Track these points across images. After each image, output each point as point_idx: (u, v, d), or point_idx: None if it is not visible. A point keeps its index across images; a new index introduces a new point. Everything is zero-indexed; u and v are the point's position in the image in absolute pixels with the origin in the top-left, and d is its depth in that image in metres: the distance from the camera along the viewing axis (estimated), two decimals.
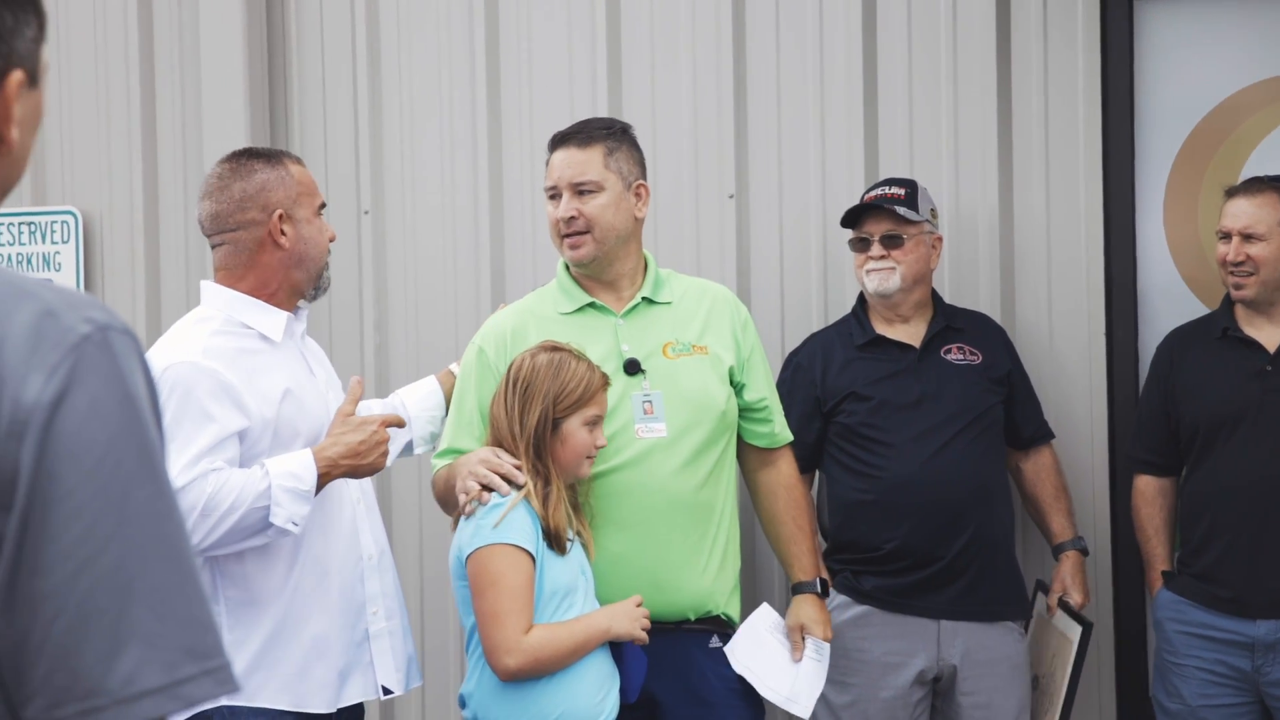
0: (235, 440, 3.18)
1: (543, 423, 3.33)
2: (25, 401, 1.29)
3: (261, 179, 3.33)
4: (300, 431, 3.27)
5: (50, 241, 4.84)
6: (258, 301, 3.33)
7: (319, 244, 3.38)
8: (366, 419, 3.29)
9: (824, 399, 4.08)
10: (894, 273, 4.05)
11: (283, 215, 3.32)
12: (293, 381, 3.29)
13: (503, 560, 3.22)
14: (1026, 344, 4.28)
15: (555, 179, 3.61)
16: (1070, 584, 4.07)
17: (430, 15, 4.66)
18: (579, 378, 3.35)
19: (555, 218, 3.61)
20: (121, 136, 4.82)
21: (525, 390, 3.35)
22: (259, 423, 3.20)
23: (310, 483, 3.17)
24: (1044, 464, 4.18)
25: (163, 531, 1.33)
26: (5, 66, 1.41)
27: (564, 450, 3.34)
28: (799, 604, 3.77)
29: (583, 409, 3.35)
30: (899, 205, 4.05)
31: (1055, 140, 4.32)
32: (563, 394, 3.33)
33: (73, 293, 1.37)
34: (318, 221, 3.39)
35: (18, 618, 1.29)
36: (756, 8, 4.47)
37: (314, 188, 3.41)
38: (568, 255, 3.61)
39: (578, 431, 3.35)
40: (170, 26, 4.79)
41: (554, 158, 3.64)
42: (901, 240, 4.06)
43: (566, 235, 3.59)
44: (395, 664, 3.39)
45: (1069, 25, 4.30)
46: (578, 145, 3.60)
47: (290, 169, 3.36)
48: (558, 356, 3.37)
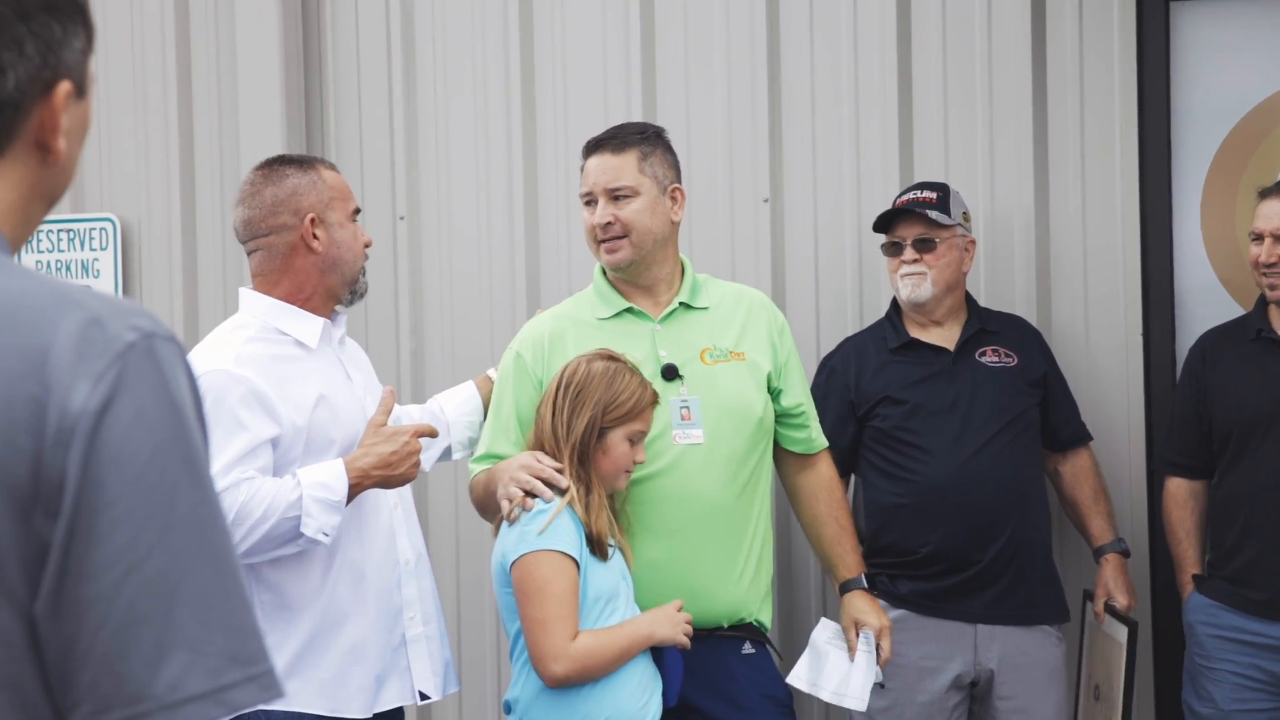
0: (268, 448, 3.18)
1: (590, 429, 3.33)
2: (72, 409, 1.30)
3: (293, 184, 3.34)
4: (334, 439, 3.27)
5: (89, 248, 4.87)
6: (293, 308, 3.34)
7: (352, 248, 3.38)
8: (398, 429, 3.29)
9: (858, 403, 4.07)
10: (925, 279, 4.04)
11: (315, 219, 3.32)
12: (327, 388, 3.29)
13: (548, 567, 3.23)
14: (1063, 346, 4.27)
15: (591, 185, 3.62)
16: (1114, 587, 4.05)
17: (465, 21, 4.68)
18: (631, 390, 3.35)
19: (591, 223, 3.61)
20: (159, 144, 4.85)
21: (577, 395, 3.35)
22: (291, 430, 3.20)
23: (341, 493, 3.17)
24: (1082, 466, 4.16)
25: (207, 538, 1.34)
26: (53, 77, 1.42)
27: (605, 460, 3.35)
28: (850, 601, 3.78)
29: (629, 423, 3.35)
30: (931, 209, 4.04)
31: (1091, 142, 4.30)
32: (613, 404, 3.34)
33: (118, 300, 1.38)
34: (351, 226, 3.39)
35: (64, 624, 1.30)
36: (791, 11, 4.47)
37: (347, 192, 3.41)
38: (605, 260, 3.62)
39: (620, 444, 3.35)
40: (207, 36, 4.82)
41: (589, 164, 3.64)
42: (934, 244, 4.05)
43: (603, 240, 3.59)
44: (432, 669, 3.39)
45: (1105, 27, 4.29)
46: (612, 151, 3.61)
47: (323, 174, 3.37)
48: (613, 366, 3.38)
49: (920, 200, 4.06)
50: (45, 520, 1.30)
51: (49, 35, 1.41)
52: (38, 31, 1.40)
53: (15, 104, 1.40)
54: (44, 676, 1.32)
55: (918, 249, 4.05)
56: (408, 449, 3.27)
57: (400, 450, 3.26)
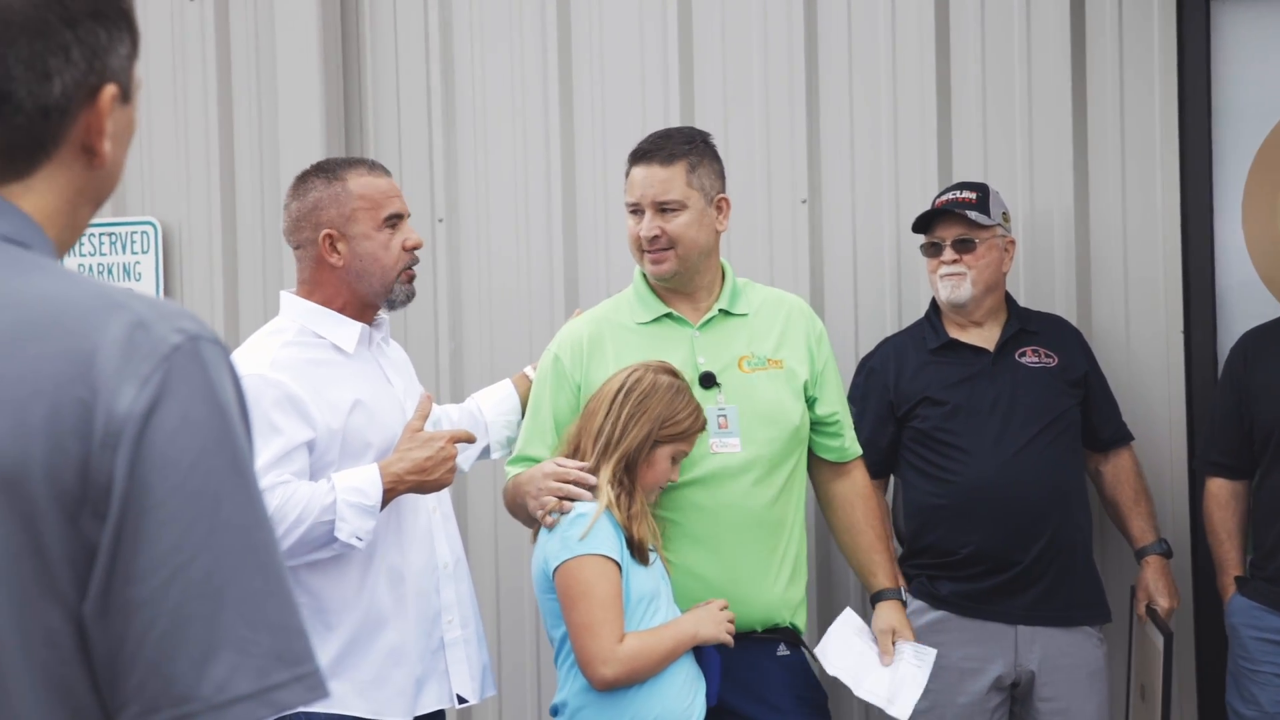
0: (303, 451, 3.19)
1: (645, 440, 3.34)
2: (118, 412, 1.31)
3: (315, 197, 3.34)
4: (371, 443, 3.27)
5: (130, 251, 4.90)
6: (331, 312, 3.34)
7: (379, 259, 3.34)
8: (434, 435, 3.29)
9: (897, 404, 4.06)
10: (965, 279, 4.02)
11: (330, 235, 3.32)
12: (364, 392, 3.29)
13: (592, 571, 3.24)
14: (1103, 346, 4.25)
15: (638, 196, 3.59)
16: (1155, 589, 4.03)
17: (503, 24, 4.68)
18: (690, 411, 3.38)
19: (637, 234, 3.60)
20: (200, 148, 4.87)
21: (640, 402, 3.36)
22: (326, 434, 3.21)
23: (375, 498, 3.17)
24: (1123, 466, 4.14)
25: (253, 539, 1.35)
26: (99, 82, 1.43)
27: (648, 473, 3.36)
28: (884, 610, 3.76)
29: (678, 442, 3.37)
30: (970, 210, 4.02)
31: (1131, 141, 4.28)
32: (671, 420, 3.35)
33: (163, 303, 1.39)
34: (380, 235, 3.34)
35: (112, 625, 1.31)
36: (829, 11, 4.46)
37: (379, 200, 3.36)
38: (650, 270, 3.61)
39: (664, 460, 3.37)
40: (247, 41, 4.84)
41: (636, 173, 3.61)
42: (973, 245, 4.04)
43: (649, 251, 3.58)
44: (470, 673, 3.40)
45: (1145, 25, 4.27)
46: (661, 163, 3.58)
47: (349, 184, 3.34)
48: (677, 383, 3.40)
49: (959, 200, 4.05)
50: (93, 522, 1.31)
51: (95, 41, 1.42)
52: (84, 38, 1.41)
53: (62, 109, 1.41)
54: (93, 677, 1.33)
55: (957, 249, 4.04)
56: (443, 455, 3.26)
57: (435, 456, 3.25)
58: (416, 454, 3.24)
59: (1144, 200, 4.28)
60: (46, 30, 1.39)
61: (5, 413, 1.31)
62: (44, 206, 1.43)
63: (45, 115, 1.41)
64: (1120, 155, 4.29)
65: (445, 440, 3.28)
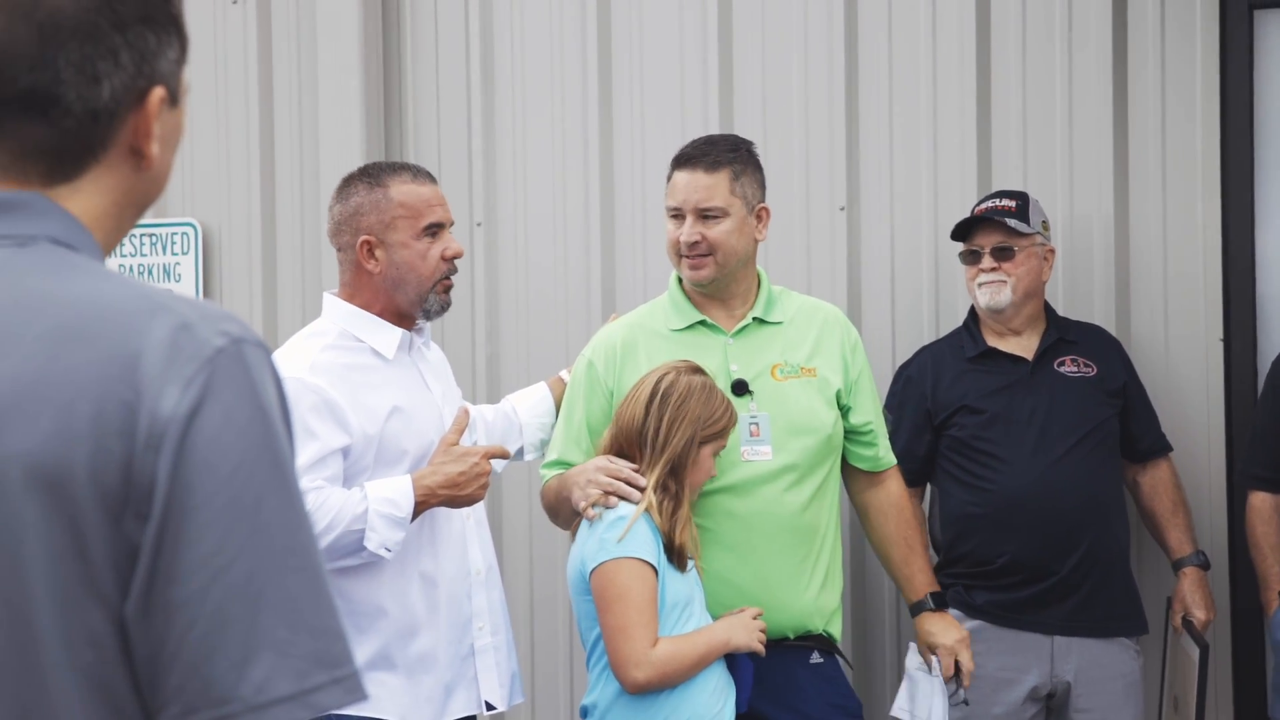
0: (338, 457, 3.19)
1: (690, 443, 3.34)
2: (162, 414, 1.32)
3: (356, 203, 3.34)
4: (407, 450, 3.27)
5: (170, 253, 4.93)
6: (372, 317, 3.34)
7: (417, 267, 3.33)
8: (469, 450, 3.28)
9: (935, 412, 4.05)
10: (1005, 286, 4.01)
11: (368, 242, 3.31)
12: (403, 399, 3.29)
13: (629, 574, 3.25)
14: (1142, 356, 4.23)
15: (680, 201, 3.59)
16: (1191, 601, 4.00)
17: (543, 29, 4.69)
18: (725, 408, 3.38)
19: (677, 238, 3.59)
20: (240, 151, 4.90)
21: (679, 406, 3.36)
22: (362, 439, 3.21)
23: (407, 510, 3.17)
24: (1161, 477, 4.11)
25: (294, 541, 1.35)
26: (147, 85, 1.44)
27: (694, 474, 3.37)
28: (920, 623, 3.77)
29: (719, 439, 3.38)
30: (1010, 218, 4.01)
31: (1172, 150, 4.26)
32: (710, 419, 3.36)
33: (207, 305, 1.39)
34: (418, 244, 3.33)
35: (153, 626, 1.32)
36: (868, 18, 4.45)
37: (419, 208, 3.34)
38: (687, 276, 3.61)
39: (708, 459, 3.38)
40: (288, 44, 4.86)
41: (679, 177, 3.61)
42: (1012, 253, 4.02)
43: (688, 256, 3.58)
44: (499, 680, 3.40)
45: (1187, 33, 4.24)
46: (705, 169, 3.58)
47: (391, 190, 3.33)
48: (708, 382, 3.40)
49: (999, 208, 4.04)
50: (136, 523, 1.32)
51: (144, 46, 1.43)
52: (133, 42, 1.42)
53: (111, 112, 1.42)
54: (133, 677, 1.34)
55: (996, 257, 4.03)
56: (476, 470, 3.25)
57: (469, 471, 3.24)
58: (450, 468, 3.23)
59: (1184, 208, 4.26)
60: (96, 34, 1.40)
61: (50, 414, 1.31)
62: (90, 209, 1.44)
63: (94, 118, 1.42)
64: (1161, 163, 4.27)
65: (480, 456, 3.27)
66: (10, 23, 1.39)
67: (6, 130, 1.41)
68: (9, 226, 1.40)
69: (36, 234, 1.41)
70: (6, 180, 1.43)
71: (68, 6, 1.39)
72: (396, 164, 3.47)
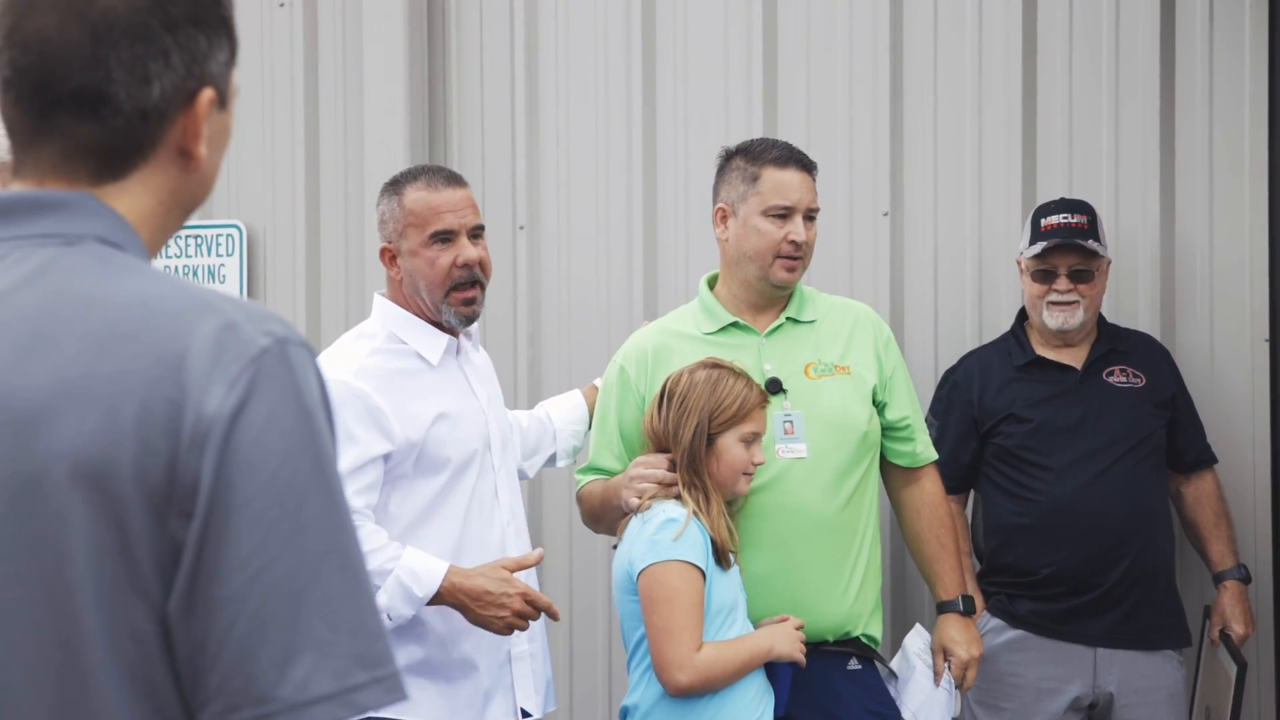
0: (378, 464, 3.19)
1: (698, 438, 3.35)
2: (207, 413, 1.32)
3: (380, 211, 3.37)
4: (450, 457, 3.26)
5: (215, 254, 4.95)
6: (420, 321, 3.34)
7: (426, 275, 3.30)
8: (514, 583, 3.20)
9: (981, 419, 4.03)
10: (1078, 309, 3.97)
11: (387, 250, 3.34)
12: (448, 405, 3.29)
13: (678, 576, 3.25)
14: (1187, 365, 4.19)
15: (795, 200, 3.60)
16: (1230, 615, 3.97)
17: (588, 32, 4.70)
18: (735, 394, 3.36)
19: (784, 237, 3.58)
20: (285, 154, 4.92)
21: (681, 405, 3.37)
22: (404, 446, 3.20)
23: (426, 591, 3.15)
24: (1205, 489, 4.08)
25: (335, 541, 1.36)
26: (197, 86, 1.45)
27: (720, 466, 3.36)
28: (941, 624, 3.74)
29: (738, 425, 3.36)
30: (1087, 238, 3.95)
31: (1220, 156, 4.23)
32: (718, 409, 3.35)
33: (252, 305, 1.40)
34: (426, 252, 3.30)
35: (195, 624, 1.33)
36: (914, 23, 4.44)
37: (426, 216, 3.30)
38: (781, 277, 3.59)
39: (733, 447, 3.36)
40: (334, 48, 4.88)
41: (790, 177, 3.61)
42: (1091, 275, 3.98)
43: (789, 257, 3.58)
44: (535, 686, 3.40)
45: (1236, 39, 4.21)
46: (811, 172, 3.64)
47: (404, 198, 3.32)
48: (716, 373, 3.39)
49: (1073, 227, 3.97)
50: (179, 521, 1.32)
51: (195, 47, 1.44)
52: (184, 43, 1.43)
53: (160, 112, 1.43)
54: (175, 675, 1.34)
55: (1074, 279, 3.98)
56: (505, 602, 3.19)
57: (498, 598, 3.18)
58: (485, 583, 3.19)
59: (1232, 217, 4.23)
60: (147, 34, 1.41)
61: (96, 411, 1.32)
62: (138, 208, 1.45)
63: (143, 118, 1.43)
64: (1208, 171, 4.24)
65: (518, 595, 3.20)
66: (63, 22, 1.40)
67: (57, 128, 1.42)
68: (57, 225, 1.41)
69: (84, 233, 1.42)
70: (56, 178, 1.44)
71: (120, 6, 1.41)
72: (419, 169, 3.44)
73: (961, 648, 3.69)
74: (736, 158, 3.66)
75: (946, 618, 3.73)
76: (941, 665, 3.68)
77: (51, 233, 1.41)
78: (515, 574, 3.24)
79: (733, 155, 3.68)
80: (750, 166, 3.62)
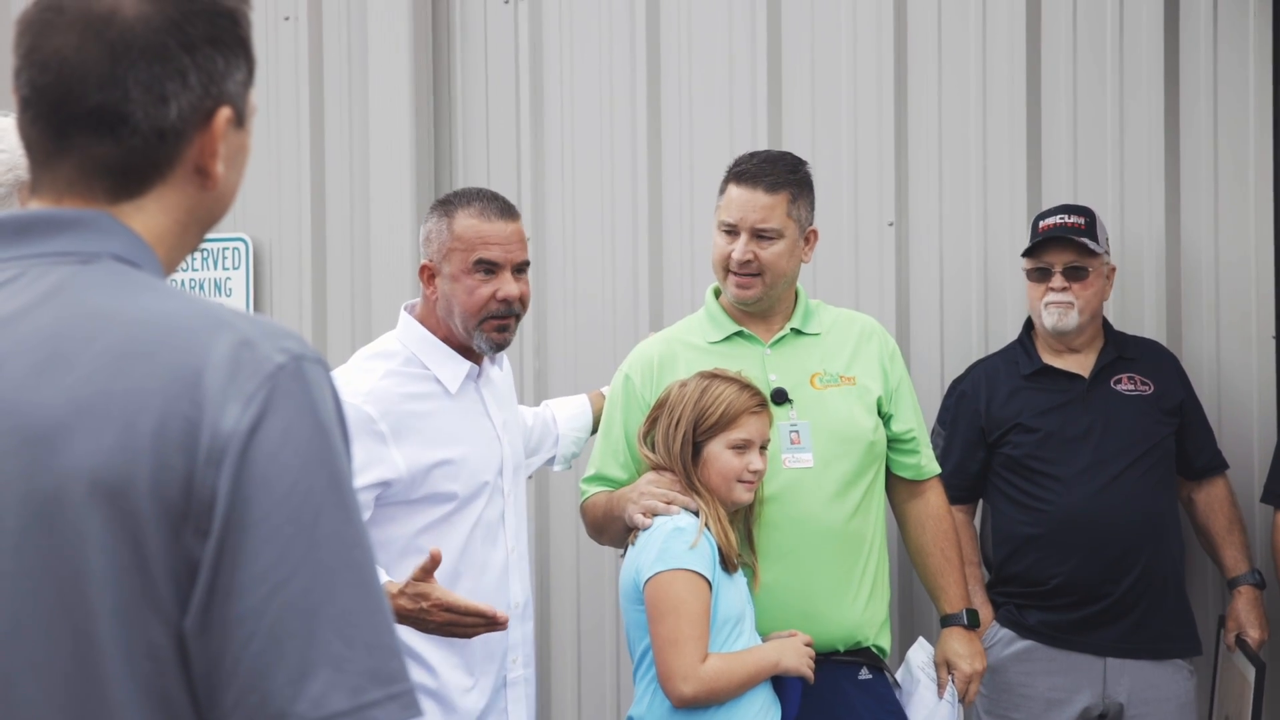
0: (369, 491, 3.13)
1: (684, 446, 3.35)
2: (223, 430, 1.33)
3: (428, 229, 3.34)
4: (456, 493, 3.23)
5: (221, 267, 4.96)
6: (442, 345, 3.30)
7: (462, 302, 3.26)
8: (427, 595, 2.98)
9: (989, 429, 4.02)
10: (1072, 309, 3.96)
11: (427, 268, 3.30)
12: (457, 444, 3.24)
13: (683, 586, 3.24)
14: (1194, 371, 4.18)
15: (737, 218, 3.57)
16: (1246, 620, 3.96)
17: (592, 44, 4.71)
18: (721, 399, 3.35)
19: (727, 254, 3.57)
20: (291, 166, 4.93)
21: (670, 414, 3.39)
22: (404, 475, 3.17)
23: None
24: (1217, 495, 4.07)
25: (351, 557, 1.36)
26: (214, 105, 1.46)
27: (711, 474, 3.35)
28: (944, 638, 3.74)
29: (725, 431, 3.35)
30: (1082, 235, 3.96)
31: (1224, 163, 4.23)
32: (703, 416, 3.35)
33: (268, 322, 1.41)
34: (467, 280, 3.26)
35: (211, 640, 1.33)
36: (918, 33, 4.44)
37: (473, 243, 3.25)
38: (733, 294, 3.60)
39: (722, 454, 3.35)
40: (340, 59, 4.89)
41: (737, 193, 3.58)
42: (1085, 273, 3.98)
43: (737, 274, 3.57)
44: (526, 711, 3.38)
45: (1240, 45, 4.21)
46: (766, 189, 3.56)
47: (455, 221, 3.28)
48: (705, 381, 3.39)
49: (1069, 225, 3.98)
50: (195, 538, 1.33)
51: (212, 67, 1.45)
52: (201, 64, 1.44)
53: (178, 132, 1.44)
54: (192, 691, 1.35)
55: (1067, 277, 3.98)
56: (423, 618, 3.00)
57: (415, 613, 2.99)
58: (405, 603, 2.98)
59: (1237, 224, 4.22)
60: (165, 55, 1.42)
61: (113, 428, 1.33)
62: (154, 226, 1.46)
63: (161, 138, 1.43)
64: (1213, 178, 4.24)
65: (432, 607, 2.99)
66: (81, 41, 1.41)
67: (75, 146, 1.43)
68: (73, 243, 1.42)
69: (100, 251, 1.42)
70: (73, 196, 1.44)
71: (138, 27, 1.41)
72: (475, 192, 3.39)
73: (964, 661, 3.69)
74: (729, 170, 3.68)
75: (950, 631, 3.73)
76: (945, 678, 3.68)
77: (68, 251, 1.42)
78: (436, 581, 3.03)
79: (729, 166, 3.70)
80: (724, 179, 3.64)
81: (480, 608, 3.04)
